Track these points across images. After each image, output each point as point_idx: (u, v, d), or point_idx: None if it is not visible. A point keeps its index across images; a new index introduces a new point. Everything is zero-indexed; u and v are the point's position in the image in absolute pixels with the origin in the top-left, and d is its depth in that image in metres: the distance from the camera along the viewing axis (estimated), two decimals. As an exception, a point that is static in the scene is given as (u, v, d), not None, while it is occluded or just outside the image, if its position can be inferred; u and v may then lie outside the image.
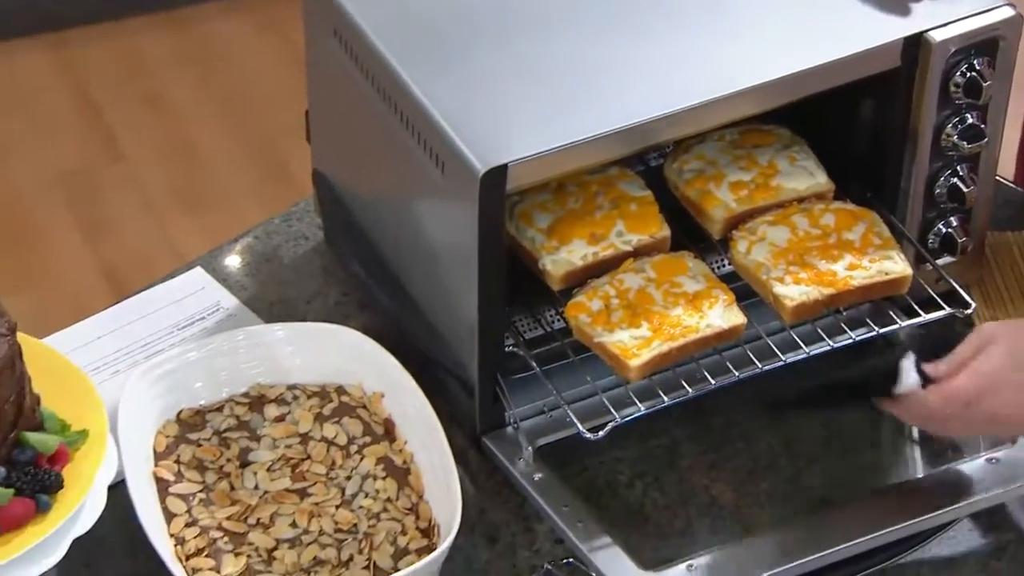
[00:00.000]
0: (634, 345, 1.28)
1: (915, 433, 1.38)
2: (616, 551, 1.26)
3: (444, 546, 1.24)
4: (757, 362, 1.32)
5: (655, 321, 1.30)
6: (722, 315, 1.31)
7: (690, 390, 1.30)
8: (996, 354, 1.24)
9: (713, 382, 1.31)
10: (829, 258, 1.33)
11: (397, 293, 1.42)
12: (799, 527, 1.29)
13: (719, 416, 1.41)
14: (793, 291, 1.31)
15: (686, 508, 1.35)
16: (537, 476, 1.32)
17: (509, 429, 1.35)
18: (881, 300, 1.38)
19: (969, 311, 1.36)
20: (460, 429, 1.36)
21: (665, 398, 1.31)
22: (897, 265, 1.34)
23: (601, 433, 1.29)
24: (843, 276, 1.33)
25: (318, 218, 1.56)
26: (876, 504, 1.31)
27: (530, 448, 1.33)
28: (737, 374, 1.31)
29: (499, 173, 1.23)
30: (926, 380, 1.27)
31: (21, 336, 1.22)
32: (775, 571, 1.25)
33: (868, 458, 1.38)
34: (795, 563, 1.25)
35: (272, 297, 1.50)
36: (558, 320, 1.39)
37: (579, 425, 1.29)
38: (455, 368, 1.35)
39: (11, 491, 1.16)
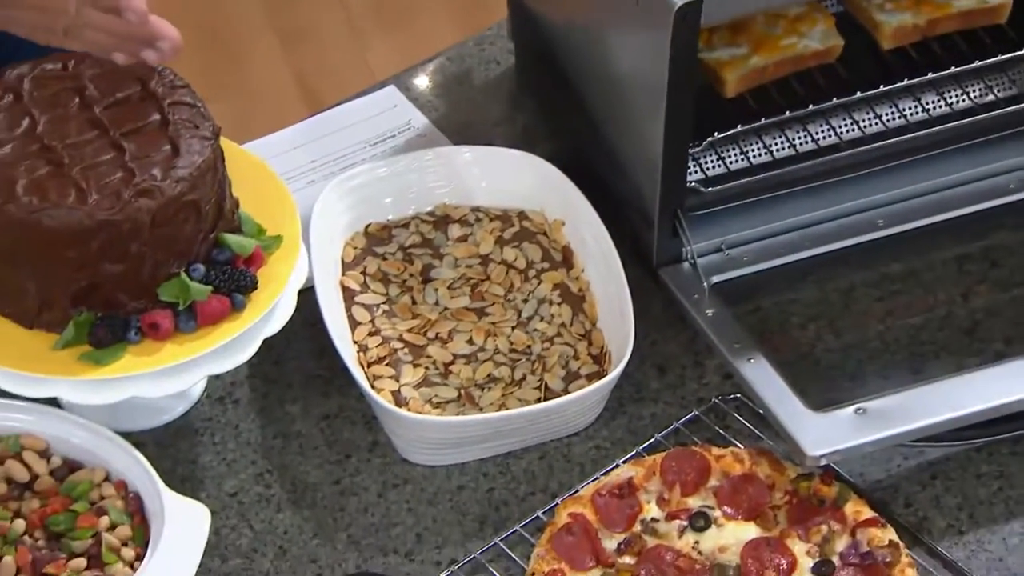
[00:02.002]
0: (732, 60, 1.37)
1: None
2: (784, 389, 1.30)
3: (615, 373, 1.30)
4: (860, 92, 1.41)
5: (755, 40, 1.38)
6: (820, 36, 1.40)
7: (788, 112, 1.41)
8: None
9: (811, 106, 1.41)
10: None
11: (584, 122, 1.47)
12: (973, 377, 1.31)
13: (898, 263, 1.44)
14: (893, 16, 1.41)
15: (858, 353, 1.39)
16: (710, 312, 1.37)
17: (686, 264, 1.40)
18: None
19: None
20: (637, 261, 1.41)
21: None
22: None
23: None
24: (942, 2, 1.41)
25: (510, 43, 1.60)
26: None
27: (705, 284, 1.38)
28: (835, 100, 1.40)
29: (694, 7, 1.26)
30: None
31: (223, 141, 1.30)
32: (945, 418, 1.28)
33: (1049, 315, 1.40)
34: (966, 412, 1.28)
35: (461, 119, 1.55)
36: (741, 159, 1.43)
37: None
38: (636, 200, 1.40)
39: (209, 288, 1.25)
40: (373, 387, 1.31)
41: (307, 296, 1.33)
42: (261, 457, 1.32)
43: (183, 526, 1.17)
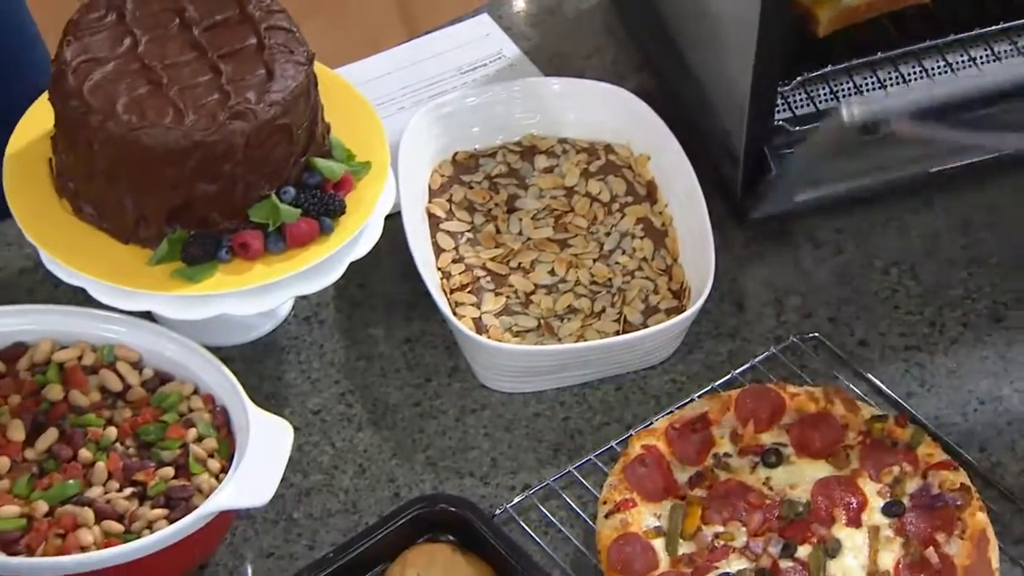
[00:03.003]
0: None
1: None
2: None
3: (693, 308, 1.34)
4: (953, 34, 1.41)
5: None
6: None
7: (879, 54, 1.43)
8: None
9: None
10: None
11: (674, 57, 1.50)
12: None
13: (985, 211, 1.47)
14: None
15: (938, 298, 1.42)
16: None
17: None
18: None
19: None
20: (721, 197, 1.45)
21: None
22: None
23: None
24: None
25: (604, -26, 1.63)
26: None
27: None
28: (928, 41, 1.41)
29: (787, -55, 1.30)
30: None
31: (317, 66, 1.34)
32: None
33: None
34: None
35: (552, 50, 1.59)
36: (831, 98, 1.46)
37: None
38: (723, 137, 1.44)
39: (298, 211, 1.29)
40: (455, 313, 1.36)
41: (394, 221, 1.38)
42: (344, 377, 1.38)
43: (267, 441, 1.22)
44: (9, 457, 1.23)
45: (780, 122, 1.43)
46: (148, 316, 1.31)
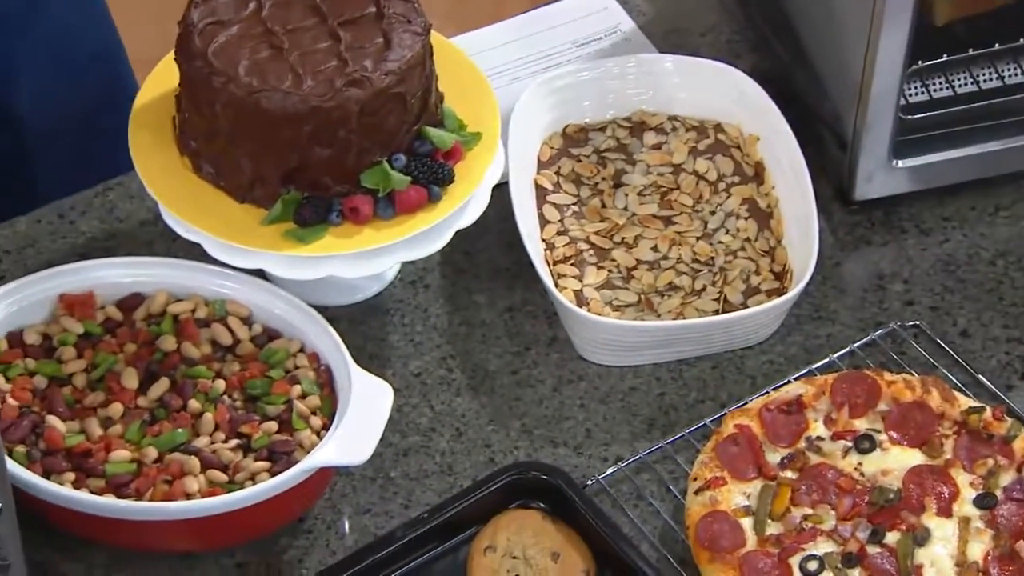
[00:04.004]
0: None
1: None
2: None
3: (794, 291, 1.37)
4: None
5: None
6: None
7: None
8: None
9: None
10: None
11: (789, 38, 1.53)
12: None
13: (1098, 203, 1.49)
14: None
15: (1044, 293, 1.45)
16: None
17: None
18: None
19: None
20: (827, 181, 1.48)
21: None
22: None
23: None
24: None
25: (724, -49, 1.66)
26: None
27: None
28: None
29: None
30: None
31: (433, 35, 1.38)
32: None
33: None
34: None
35: (668, 25, 1.62)
36: (945, 88, 1.48)
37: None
38: (833, 120, 1.47)
39: (408, 178, 1.34)
40: (557, 285, 1.40)
41: (501, 191, 1.41)
42: (446, 342, 1.42)
43: (368, 401, 1.26)
44: (123, 404, 1.30)
45: (893, 109, 1.45)
46: (260, 274, 1.36)
